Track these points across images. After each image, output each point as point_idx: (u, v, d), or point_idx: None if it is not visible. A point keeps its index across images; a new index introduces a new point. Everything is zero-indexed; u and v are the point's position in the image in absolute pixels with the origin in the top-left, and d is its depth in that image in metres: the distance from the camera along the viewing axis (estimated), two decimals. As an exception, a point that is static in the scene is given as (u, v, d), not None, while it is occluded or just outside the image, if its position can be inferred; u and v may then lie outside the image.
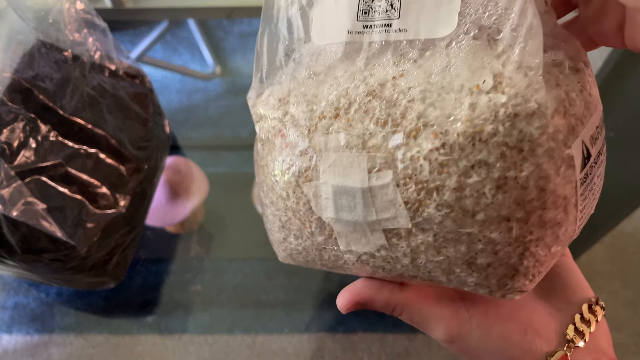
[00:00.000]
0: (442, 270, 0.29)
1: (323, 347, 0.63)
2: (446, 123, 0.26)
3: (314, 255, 0.33)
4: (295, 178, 0.30)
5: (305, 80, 0.32)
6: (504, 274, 0.28)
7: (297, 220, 0.31)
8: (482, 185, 0.26)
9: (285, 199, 0.31)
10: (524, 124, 0.25)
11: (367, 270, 0.32)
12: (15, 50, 0.50)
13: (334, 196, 0.29)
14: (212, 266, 0.69)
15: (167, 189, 0.70)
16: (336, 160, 0.29)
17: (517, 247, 0.27)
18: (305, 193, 0.30)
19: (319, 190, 0.30)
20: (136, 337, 0.64)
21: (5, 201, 0.46)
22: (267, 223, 0.36)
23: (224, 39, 0.94)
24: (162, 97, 0.80)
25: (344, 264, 0.32)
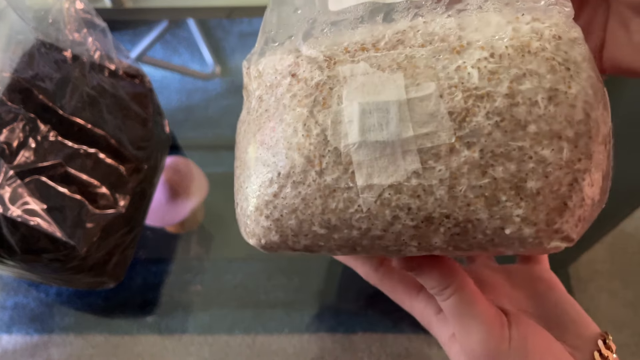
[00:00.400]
0: (485, 200, 0.25)
1: (323, 347, 0.63)
2: (492, 40, 0.26)
3: (315, 209, 0.28)
4: (309, 109, 0.28)
5: (322, 33, 0.30)
6: (553, 206, 0.26)
7: (303, 158, 0.28)
8: (535, 94, 0.25)
9: (290, 136, 0.28)
10: (568, 46, 0.25)
11: (384, 220, 0.27)
12: (14, 50, 0.50)
13: (360, 116, 0.26)
14: (212, 266, 0.69)
15: (167, 189, 0.70)
16: (365, 80, 0.27)
17: (567, 172, 0.25)
18: (319, 122, 0.27)
19: (340, 114, 0.27)
20: (136, 337, 0.64)
21: (5, 201, 0.46)
22: (246, 186, 0.30)
23: (223, 39, 0.94)
24: (161, 96, 0.80)
25: (355, 212, 0.27)
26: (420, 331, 0.63)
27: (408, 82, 0.26)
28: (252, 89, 0.32)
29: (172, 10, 0.75)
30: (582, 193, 0.26)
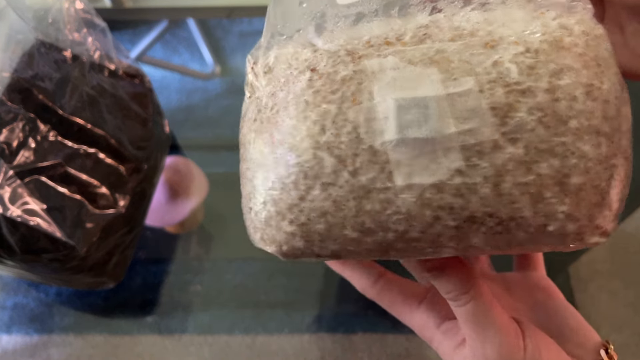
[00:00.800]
0: (530, 197, 0.25)
1: (323, 347, 0.63)
2: (523, 35, 0.25)
3: (348, 211, 0.26)
4: (337, 105, 0.26)
5: (337, 27, 0.29)
6: (594, 202, 0.25)
7: (333, 158, 0.26)
8: (574, 88, 0.25)
9: (317, 134, 0.26)
10: (596, 43, 0.26)
11: (424, 221, 0.26)
12: (14, 49, 0.50)
13: (397, 112, 0.25)
14: (211, 266, 0.68)
15: (167, 189, 0.70)
16: (397, 75, 0.26)
17: (605, 168, 0.25)
18: (350, 119, 0.26)
19: (374, 110, 0.25)
20: (136, 337, 0.64)
21: (5, 201, 0.46)
22: (263, 189, 0.28)
23: (223, 39, 0.94)
24: (161, 96, 0.80)
25: (392, 214, 0.26)
26: (420, 331, 0.63)
27: (444, 76, 0.25)
28: (259, 85, 0.30)
29: (172, 10, 0.75)
30: (617, 188, 0.26)
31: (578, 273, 0.68)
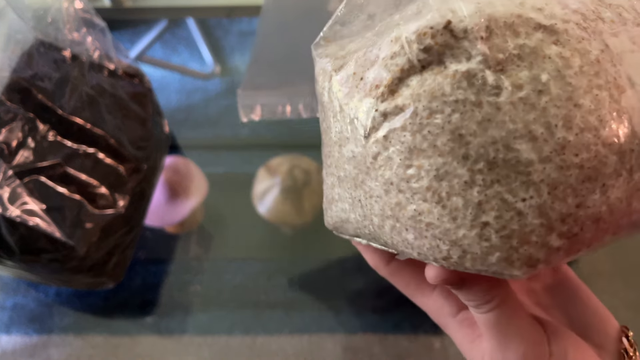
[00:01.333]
0: None
1: (323, 347, 0.63)
2: None
3: (618, 215, 0.24)
4: (609, 92, 0.23)
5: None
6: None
7: (615, 155, 0.23)
8: None
9: (597, 129, 0.22)
10: None
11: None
12: (13, 49, 0.50)
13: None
14: (211, 266, 0.68)
15: (166, 189, 0.70)
16: (637, 61, 0.23)
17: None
18: (624, 108, 0.23)
19: (639, 100, 0.23)
20: (135, 337, 0.64)
21: (4, 201, 0.46)
22: (519, 206, 0.23)
23: (223, 38, 0.94)
24: (161, 96, 0.80)
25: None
26: (421, 332, 0.63)
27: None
28: (464, 62, 0.23)
29: (171, 10, 0.75)
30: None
31: (579, 273, 0.68)
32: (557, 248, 0.23)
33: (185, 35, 0.94)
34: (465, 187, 0.23)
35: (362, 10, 0.30)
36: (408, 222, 0.25)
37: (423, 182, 0.24)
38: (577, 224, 0.23)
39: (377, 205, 0.26)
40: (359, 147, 0.26)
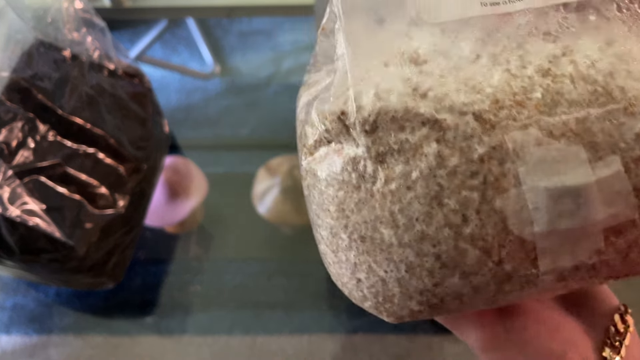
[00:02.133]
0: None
1: (323, 348, 0.63)
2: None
3: (486, 294, 0.25)
4: (481, 193, 0.23)
5: (434, 63, 0.25)
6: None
7: (478, 251, 0.24)
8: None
9: (459, 225, 0.24)
10: None
11: (554, 292, 0.27)
12: (13, 49, 0.50)
13: (548, 202, 0.23)
14: (211, 267, 0.69)
15: (166, 189, 0.70)
16: (542, 155, 0.23)
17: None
18: (497, 209, 0.23)
19: (522, 199, 0.23)
20: (135, 337, 0.64)
21: (4, 201, 0.46)
22: (387, 272, 0.26)
23: (223, 38, 0.94)
24: (161, 96, 0.80)
25: (529, 289, 0.26)
26: (420, 332, 0.63)
27: (590, 155, 0.23)
28: (356, 141, 0.26)
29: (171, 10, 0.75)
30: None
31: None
32: (418, 310, 0.26)
33: (185, 35, 0.94)
34: (346, 249, 0.27)
35: (316, 61, 0.32)
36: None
37: (325, 233, 0.28)
38: (435, 297, 0.25)
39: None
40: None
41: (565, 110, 0.23)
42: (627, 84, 0.24)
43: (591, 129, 0.23)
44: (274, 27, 0.98)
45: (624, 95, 0.23)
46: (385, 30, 0.26)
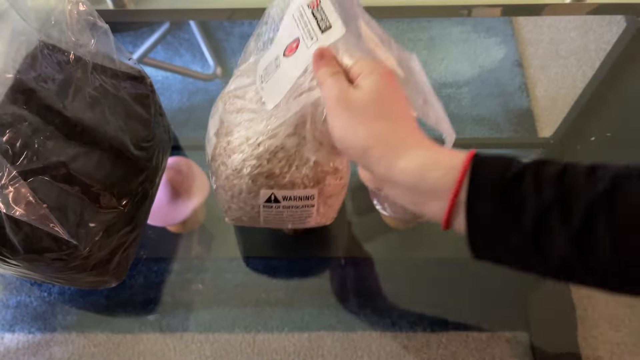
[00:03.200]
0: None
1: (323, 345, 0.63)
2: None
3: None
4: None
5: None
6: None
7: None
8: None
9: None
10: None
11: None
12: (17, 51, 0.50)
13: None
14: (212, 265, 0.69)
15: (169, 189, 0.70)
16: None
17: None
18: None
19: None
20: (138, 335, 0.64)
21: (8, 201, 0.46)
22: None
23: (225, 40, 0.94)
24: (163, 97, 0.81)
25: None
26: (419, 330, 0.64)
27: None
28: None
29: (173, 12, 0.75)
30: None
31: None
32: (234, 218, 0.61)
33: (187, 37, 0.95)
34: (228, 200, 0.59)
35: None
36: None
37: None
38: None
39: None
40: None
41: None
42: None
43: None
44: (274, 29, 0.99)
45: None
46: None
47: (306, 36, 0.50)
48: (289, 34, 0.53)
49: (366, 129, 0.43)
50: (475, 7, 0.74)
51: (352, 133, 0.43)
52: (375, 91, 0.43)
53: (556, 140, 0.80)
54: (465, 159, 0.39)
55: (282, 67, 0.52)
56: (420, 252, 0.70)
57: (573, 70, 0.89)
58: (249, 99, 0.56)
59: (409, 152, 0.41)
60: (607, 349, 0.63)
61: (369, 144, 0.42)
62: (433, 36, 0.93)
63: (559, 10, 0.75)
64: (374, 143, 0.42)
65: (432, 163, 0.41)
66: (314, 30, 0.49)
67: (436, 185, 0.40)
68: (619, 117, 0.83)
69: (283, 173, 0.53)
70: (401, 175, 0.41)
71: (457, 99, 0.85)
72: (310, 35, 0.49)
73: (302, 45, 0.50)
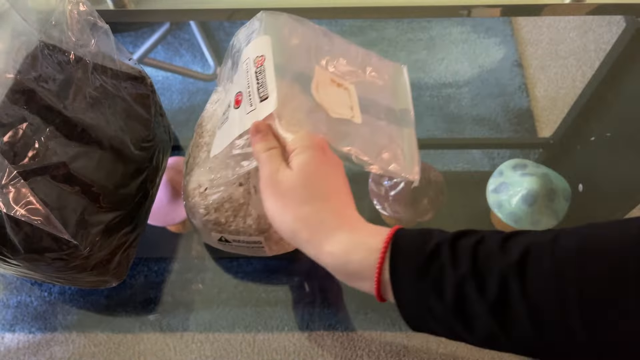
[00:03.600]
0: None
1: (323, 345, 0.63)
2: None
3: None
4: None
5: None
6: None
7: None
8: None
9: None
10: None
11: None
12: (18, 51, 0.50)
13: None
14: (212, 265, 0.69)
15: (169, 189, 0.70)
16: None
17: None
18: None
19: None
20: (138, 335, 0.64)
21: (9, 201, 0.46)
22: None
23: (225, 41, 0.95)
24: (163, 98, 0.81)
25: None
26: (419, 329, 0.64)
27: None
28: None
29: (173, 12, 0.75)
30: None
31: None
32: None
33: (188, 37, 0.95)
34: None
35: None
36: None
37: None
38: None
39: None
40: None
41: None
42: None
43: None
44: (275, 29, 0.99)
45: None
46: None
47: (246, 98, 0.51)
48: (239, 82, 0.54)
49: (293, 213, 0.44)
50: (474, 8, 0.74)
51: (279, 215, 0.45)
52: (304, 171, 0.44)
53: (556, 141, 0.81)
54: (385, 239, 0.41)
55: (230, 119, 0.54)
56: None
57: (573, 70, 0.89)
58: (208, 135, 0.60)
59: (334, 236, 0.43)
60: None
61: (296, 227, 0.44)
62: (433, 36, 0.93)
63: (559, 11, 0.75)
64: (300, 227, 0.44)
65: (355, 246, 0.42)
66: (253, 95, 0.50)
67: (361, 267, 0.41)
68: (618, 117, 0.83)
69: (229, 222, 0.56)
70: (328, 258, 0.43)
71: (457, 99, 0.85)
72: (250, 100, 0.50)
73: (243, 104, 0.52)
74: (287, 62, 0.51)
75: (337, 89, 0.54)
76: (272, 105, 0.48)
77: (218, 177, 0.54)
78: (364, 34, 0.95)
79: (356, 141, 0.51)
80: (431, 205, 0.68)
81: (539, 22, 0.95)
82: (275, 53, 0.51)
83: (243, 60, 0.53)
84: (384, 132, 0.55)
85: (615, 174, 0.76)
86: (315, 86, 0.52)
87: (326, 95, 0.52)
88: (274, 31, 0.53)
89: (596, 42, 0.92)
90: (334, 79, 0.55)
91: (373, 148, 0.52)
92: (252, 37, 0.54)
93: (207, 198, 0.55)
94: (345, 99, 0.54)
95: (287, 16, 0.56)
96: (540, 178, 0.65)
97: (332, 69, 0.55)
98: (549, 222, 0.65)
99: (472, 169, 0.77)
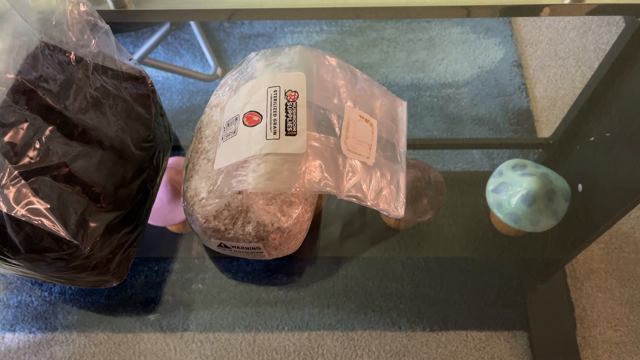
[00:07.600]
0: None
1: (323, 344, 0.63)
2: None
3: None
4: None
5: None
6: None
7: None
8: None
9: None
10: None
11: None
12: (18, 51, 0.50)
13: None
14: (212, 265, 0.69)
15: (169, 189, 0.70)
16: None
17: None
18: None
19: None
20: (138, 335, 0.64)
21: (9, 201, 0.46)
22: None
23: (225, 41, 0.95)
24: (164, 98, 0.81)
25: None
26: (418, 329, 0.64)
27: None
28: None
29: (174, 12, 0.75)
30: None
31: (574, 272, 0.69)
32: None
33: (188, 38, 0.95)
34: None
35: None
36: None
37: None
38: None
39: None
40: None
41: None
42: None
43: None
44: (274, 30, 0.99)
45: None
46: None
47: (270, 123, 0.53)
48: (255, 100, 0.56)
49: None
50: (474, 8, 0.74)
51: None
52: None
53: (555, 141, 0.81)
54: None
55: (239, 135, 0.55)
56: (420, 252, 0.70)
57: (572, 70, 0.89)
58: (208, 141, 0.60)
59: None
60: (606, 349, 0.63)
61: None
62: (433, 36, 0.93)
63: (558, 11, 0.75)
64: None
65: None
66: (279, 124, 0.53)
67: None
68: (618, 117, 0.83)
69: (228, 229, 0.56)
70: None
71: (456, 99, 0.85)
72: (274, 128, 0.53)
73: (262, 125, 0.54)
74: (318, 101, 0.55)
75: (365, 124, 0.58)
76: (299, 145, 0.52)
77: (216, 188, 0.55)
78: (364, 34, 0.95)
79: (361, 189, 0.55)
80: (431, 205, 0.68)
81: (539, 23, 0.95)
82: (309, 91, 0.55)
83: (268, 84, 0.56)
84: (385, 169, 0.58)
85: (615, 174, 0.76)
86: (346, 125, 0.56)
87: (355, 132, 0.57)
88: (308, 68, 0.57)
89: (595, 43, 0.92)
90: (362, 114, 0.58)
91: (374, 190, 0.56)
92: (283, 63, 0.58)
93: (205, 207, 0.56)
94: (368, 136, 0.58)
95: (321, 53, 0.60)
96: (539, 178, 0.65)
97: (359, 106, 0.59)
98: (549, 222, 0.65)
99: (472, 169, 0.77)
